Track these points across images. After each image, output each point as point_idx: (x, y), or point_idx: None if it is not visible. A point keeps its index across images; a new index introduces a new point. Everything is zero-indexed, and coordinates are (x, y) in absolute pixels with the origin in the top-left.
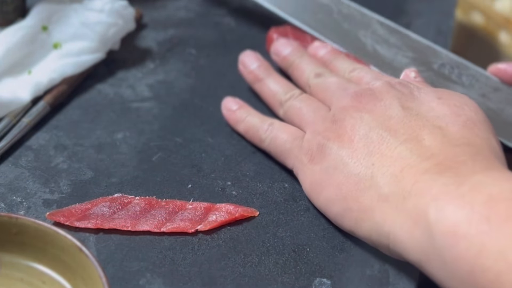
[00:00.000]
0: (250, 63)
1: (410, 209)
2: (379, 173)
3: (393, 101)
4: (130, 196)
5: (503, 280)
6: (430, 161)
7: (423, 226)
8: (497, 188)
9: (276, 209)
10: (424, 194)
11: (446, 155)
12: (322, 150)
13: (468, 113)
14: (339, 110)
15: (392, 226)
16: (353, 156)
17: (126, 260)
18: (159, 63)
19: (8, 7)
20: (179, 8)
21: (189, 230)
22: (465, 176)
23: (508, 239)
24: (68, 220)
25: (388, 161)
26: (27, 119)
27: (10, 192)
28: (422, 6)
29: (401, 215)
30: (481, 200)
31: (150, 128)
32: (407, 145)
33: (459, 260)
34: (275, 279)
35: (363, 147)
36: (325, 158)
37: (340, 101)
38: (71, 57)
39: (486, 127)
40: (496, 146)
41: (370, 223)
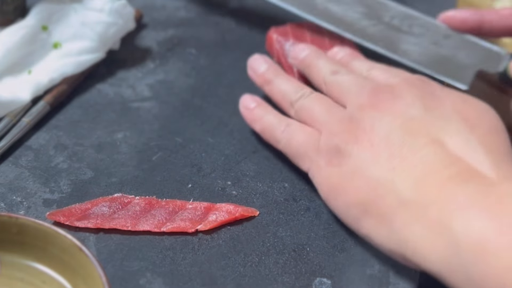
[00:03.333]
0: (258, 66)
1: (433, 218)
2: (400, 178)
3: (415, 100)
4: (130, 196)
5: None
6: (454, 168)
7: (447, 238)
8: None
9: (276, 208)
10: (449, 204)
11: (470, 161)
12: (340, 153)
13: (492, 119)
14: (356, 109)
15: (412, 235)
16: (373, 159)
17: (126, 260)
18: (159, 63)
19: (8, 7)
20: (179, 8)
21: (189, 230)
22: (491, 185)
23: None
24: (68, 220)
25: (410, 165)
26: (27, 118)
27: (10, 191)
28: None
29: (423, 224)
30: (510, 212)
31: (150, 128)
32: (430, 149)
33: (488, 276)
34: (275, 278)
35: (384, 150)
36: (344, 161)
37: (357, 99)
38: (71, 57)
39: (508, 136)
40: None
41: (388, 230)
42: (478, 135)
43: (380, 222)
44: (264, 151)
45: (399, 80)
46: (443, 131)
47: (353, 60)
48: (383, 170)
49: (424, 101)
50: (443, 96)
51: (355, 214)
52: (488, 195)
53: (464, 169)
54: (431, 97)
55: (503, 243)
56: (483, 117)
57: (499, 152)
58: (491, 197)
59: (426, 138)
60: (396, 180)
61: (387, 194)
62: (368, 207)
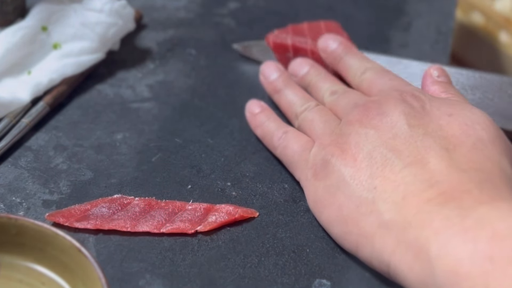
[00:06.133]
0: (270, 73)
1: (411, 240)
2: (381, 199)
3: (400, 118)
4: (129, 197)
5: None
6: (433, 190)
7: (424, 261)
8: (503, 224)
9: (276, 210)
10: (426, 227)
11: (451, 182)
12: (326, 166)
13: (479, 132)
14: (346, 124)
15: (392, 256)
16: (356, 176)
17: (125, 261)
18: (159, 63)
19: (8, 7)
20: (179, 8)
21: (188, 231)
22: (469, 208)
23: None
24: (68, 221)
25: (390, 185)
26: (27, 119)
27: (9, 192)
28: (422, 6)
29: (402, 245)
30: (485, 237)
31: (150, 129)
32: (411, 169)
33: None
34: (275, 280)
35: (366, 167)
36: (328, 175)
37: (348, 115)
38: (71, 57)
39: (498, 148)
40: (508, 169)
41: (370, 249)
42: (462, 153)
43: (362, 241)
44: (264, 152)
45: (389, 96)
46: (427, 149)
47: (346, 55)
48: (365, 188)
49: (409, 119)
50: (432, 111)
51: (338, 231)
52: (465, 218)
53: (443, 191)
54: (419, 113)
55: (476, 269)
56: (470, 131)
57: (484, 169)
58: (468, 220)
59: (408, 158)
60: (377, 200)
61: (368, 214)
62: (350, 226)
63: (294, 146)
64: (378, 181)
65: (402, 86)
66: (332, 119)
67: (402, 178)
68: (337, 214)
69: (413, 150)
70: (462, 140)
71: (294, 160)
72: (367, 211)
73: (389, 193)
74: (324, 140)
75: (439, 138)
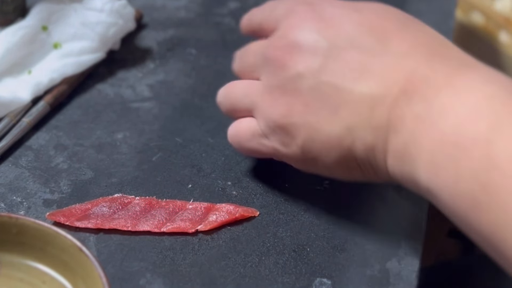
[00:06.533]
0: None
1: (393, 146)
2: (357, 128)
3: (312, 35)
4: (130, 196)
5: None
6: (392, 89)
7: (407, 163)
8: (463, 109)
9: (276, 209)
10: (401, 130)
11: (404, 73)
12: (287, 129)
13: (395, 16)
14: (268, 84)
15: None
16: (322, 121)
17: (126, 260)
18: (159, 63)
19: (8, 7)
20: (179, 8)
21: (189, 230)
22: (431, 98)
23: (480, 161)
24: (68, 220)
25: (352, 105)
26: (27, 119)
27: (10, 192)
28: (422, 6)
29: (387, 153)
30: (450, 124)
31: (150, 128)
32: (361, 83)
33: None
34: (276, 279)
35: (321, 105)
36: (295, 135)
37: (264, 72)
38: (71, 57)
39: (418, 23)
40: (439, 35)
41: (353, 163)
42: (396, 42)
43: (347, 157)
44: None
45: (288, 21)
46: (362, 58)
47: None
48: (336, 127)
49: (322, 31)
50: (337, 16)
51: (331, 159)
52: (430, 110)
53: (402, 88)
54: (326, 21)
55: (446, 157)
56: (386, 17)
57: (423, 44)
58: (434, 114)
59: (350, 73)
60: (354, 130)
61: (351, 144)
62: (334, 146)
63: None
64: (343, 113)
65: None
66: (250, 84)
67: (359, 95)
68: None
69: (347, 65)
70: (385, 26)
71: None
72: (349, 143)
73: (356, 111)
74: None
75: (359, 39)
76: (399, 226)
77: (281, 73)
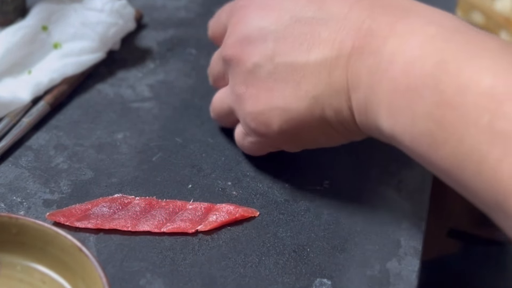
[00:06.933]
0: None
1: (356, 104)
2: (322, 95)
3: (265, 33)
4: (130, 196)
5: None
6: (341, 51)
7: (370, 118)
8: (409, 53)
9: (276, 209)
10: (359, 89)
11: (351, 32)
12: (259, 120)
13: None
14: (233, 83)
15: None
16: (289, 100)
17: (126, 260)
18: (159, 63)
19: (8, 7)
20: (179, 8)
21: (189, 231)
22: (379, 50)
23: (432, 99)
24: (68, 220)
25: (313, 77)
26: (27, 119)
27: (10, 192)
28: None
29: (354, 110)
30: (400, 70)
31: (150, 128)
32: (314, 52)
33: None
34: (276, 279)
35: (283, 85)
36: (269, 123)
37: (229, 74)
38: (71, 57)
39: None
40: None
41: (328, 128)
42: (330, 3)
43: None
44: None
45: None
46: (310, 27)
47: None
48: (303, 97)
49: (261, 20)
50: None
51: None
52: (380, 63)
53: (351, 45)
54: (267, 8)
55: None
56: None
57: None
58: (383, 63)
59: (302, 45)
60: (319, 99)
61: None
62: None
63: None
64: (306, 85)
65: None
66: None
67: (314, 64)
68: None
69: (301, 37)
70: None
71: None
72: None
73: (316, 81)
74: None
75: (305, 7)
76: (399, 226)
77: (240, 69)
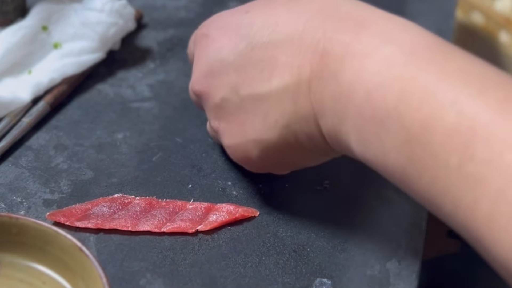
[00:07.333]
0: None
1: (327, 129)
2: (291, 124)
3: (225, 65)
4: (130, 196)
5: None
6: (300, 74)
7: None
8: (368, 78)
9: (276, 209)
10: (322, 108)
11: (307, 55)
12: (239, 151)
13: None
14: (209, 118)
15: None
16: (260, 132)
17: (126, 260)
18: (159, 63)
19: (8, 7)
20: (179, 8)
21: (189, 230)
22: (337, 73)
23: (399, 134)
24: (68, 220)
25: (278, 106)
26: (27, 119)
27: (10, 192)
28: (422, 6)
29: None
30: (362, 98)
31: (150, 128)
32: (274, 80)
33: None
34: (276, 279)
35: (252, 118)
36: (248, 153)
37: (204, 107)
38: (71, 57)
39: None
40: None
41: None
42: (284, 26)
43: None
44: None
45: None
46: (270, 55)
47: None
48: (272, 129)
49: (232, 53)
50: (230, 29)
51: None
52: (341, 83)
53: (313, 71)
54: (224, 39)
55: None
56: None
57: (320, 9)
58: (344, 85)
59: (265, 71)
60: (289, 128)
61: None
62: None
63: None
64: (271, 113)
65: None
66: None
67: (276, 97)
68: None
69: (255, 62)
70: (274, 11)
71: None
72: (299, 149)
73: (282, 110)
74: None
75: (259, 31)
76: (399, 226)
77: (210, 104)
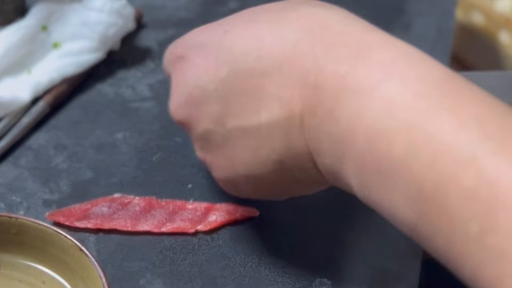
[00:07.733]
0: None
1: (325, 168)
2: (284, 159)
3: (206, 94)
4: (130, 196)
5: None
6: (296, 107)
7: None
8: (368, 122)
9: (276, 209)
10: (321, 153)
11: (298, 87)
12: (229, 184)
13: (267, 14)
14: (196, 148)
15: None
16: (251, 168)
17: (126, 260)
18: (159, 63)
19: (8, 6)
20: (179, 7)
21: (189, 230)
22: (333, 111)
23: (408, 189)
24: (68, 220)
25: (269, 141)
26: (27, 119)
27: (10, 192)
28: (422, 6)
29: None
30: (363, 144)
31: (150, 128)
32: (263, 113)
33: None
34: (275, 279)
35: (240, 151)
36: (239, 186)
37: (191, 137)
38: (71, 57)
39: (299, 7)
40: (319, 10)
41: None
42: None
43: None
44: None
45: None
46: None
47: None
48: (258, 157)
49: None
50: (211, 53)
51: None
52: (333, 112)
53: (305, 94)
54: (203, 65)
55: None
56: (257, 16)
57: (302, 31)
58: (337, 113)
59: (250, 101)
60: (275, 151)
61: (289, 178)
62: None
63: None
64: (261, 148)
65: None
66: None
67: (266, 123)
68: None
69: (242, 92)
70: (258, 34)
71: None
72: (285, 177)
73: (274, 145)
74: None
75: (242, 57)
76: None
77: (193, 135)
